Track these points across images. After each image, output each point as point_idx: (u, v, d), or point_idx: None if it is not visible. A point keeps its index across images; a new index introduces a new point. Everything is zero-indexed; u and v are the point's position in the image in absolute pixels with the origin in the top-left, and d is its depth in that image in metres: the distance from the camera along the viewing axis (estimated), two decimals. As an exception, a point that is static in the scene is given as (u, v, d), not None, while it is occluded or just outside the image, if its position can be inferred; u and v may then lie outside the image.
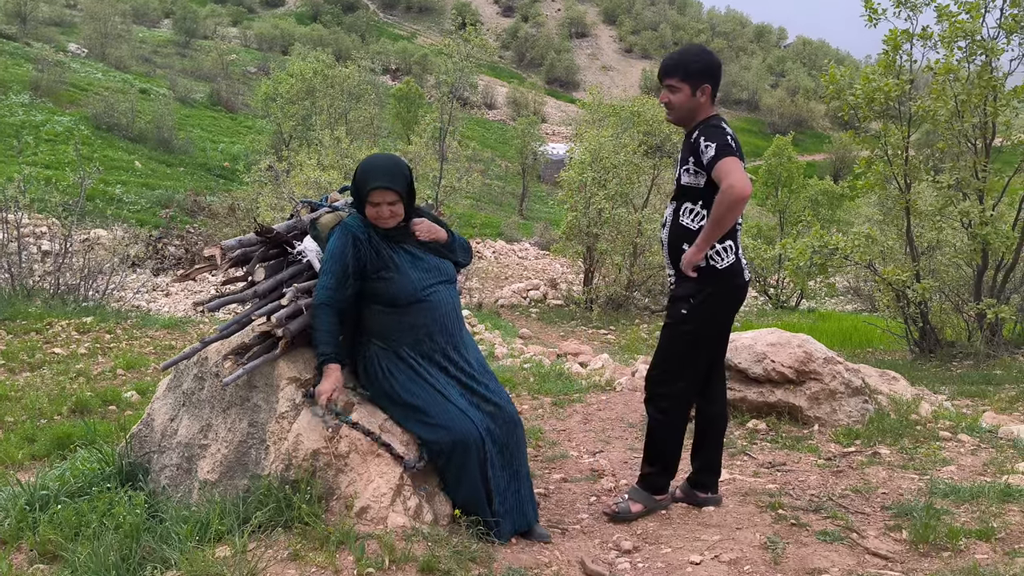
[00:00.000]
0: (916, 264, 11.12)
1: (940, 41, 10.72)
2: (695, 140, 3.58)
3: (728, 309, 3.76)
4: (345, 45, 59.80)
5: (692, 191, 3.65)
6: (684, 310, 3.65)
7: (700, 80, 3.63)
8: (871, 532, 3.53)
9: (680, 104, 3.66)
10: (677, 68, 3.65)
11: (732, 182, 3.40)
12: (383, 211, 3.36)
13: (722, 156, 3.46)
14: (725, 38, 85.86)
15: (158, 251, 19.56)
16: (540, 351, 10.70)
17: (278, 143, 28.92)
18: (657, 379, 3.80)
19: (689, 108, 3.66)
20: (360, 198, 3.41)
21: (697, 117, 3.68)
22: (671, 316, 3.74)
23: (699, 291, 3.63)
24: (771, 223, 28.05)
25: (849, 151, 47.90)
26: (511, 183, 43.69)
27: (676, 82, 3.64)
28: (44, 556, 3.26)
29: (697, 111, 3.67)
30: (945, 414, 5.56)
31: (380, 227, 3.40)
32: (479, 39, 23.24)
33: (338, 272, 3.33)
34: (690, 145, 3.62)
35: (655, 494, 3.88)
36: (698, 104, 3.66)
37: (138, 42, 54.13)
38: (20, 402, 6.18)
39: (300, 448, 3.25)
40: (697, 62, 3.65)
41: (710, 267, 3.61)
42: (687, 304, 3.65)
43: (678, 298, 3.69)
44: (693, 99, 3.64)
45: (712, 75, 3.66)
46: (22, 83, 33.47)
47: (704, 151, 3.51)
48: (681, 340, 3.71)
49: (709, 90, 3.65)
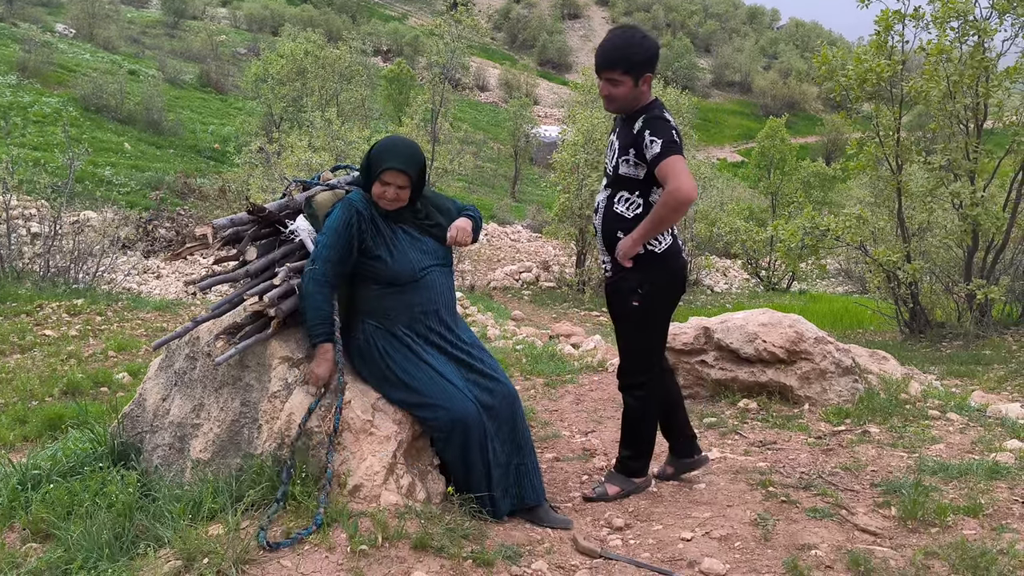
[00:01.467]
0: (907, 245, 11.17)
1: (932, 21, 10.72)
2: (639, 132, 3.49)
3: (675, 292, 3.75)
4: (336, 26, 59.26)
5: (629, 181, 3.58)
6: (636, 302, 3.63)
7: (643, 70, 3.51)
8: (860, 509, 3.56)
9: (623, 97, 3.55)
10: (620, 61, 3.50)
11: (679, 185, 3.34)
12: (389, 192, 3.36)
13: (668, 154, 3.38)
14: (718, 19, 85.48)
15: (148, 233, 19.43)
16: (532, 333, 10.71)
17: (269, 125, 28.74)
18: (628, 371, 3.79)
19: (632, 98, 3.56)
20: (371, 175, 3.39)
21: (639, 105, 3.58)
22: (622, 310, 3.69)
23: (644, 280, 3.61)
24: (763, 205, 28.11)
25: (841, 133, 47.94)
26: (503, 165, 43.57)
27: (618, 75, 3.51)
28: (37, 535, 3.27)
29: (639, 99, 3.57)
30: (934, 393, 5.60)
31: (381, 207, 3.40)
32: (471, 20, 23.12)
33: (342, 247, 3.30)
34: (632, 136, 3.52)
35: (633, 476, 3.90)
36: (640, 93, 3.56)
37: (126, 23, 53.56)
38: (11, 384, 6.17)
39: (293, 427, 3.25)
40: (640, 53, 3.50)
41: (648, 252, 3.58)
42: (636, 296, 3.63)
43: (625, 291, 3.65)
44: (636, 90, 3.53)
45: (654, 63, 3.55)
46: (9, 64, 33.11)
47: (649, 146, 3.44)
48: (639, 332, 3.72)
49: (650, 78, 3.56)
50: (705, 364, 5.61)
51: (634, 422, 3.85)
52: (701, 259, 22.25)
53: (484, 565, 2.92)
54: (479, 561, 2.93)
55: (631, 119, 3.58)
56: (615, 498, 3.83)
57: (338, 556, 2.82)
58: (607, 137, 3.74)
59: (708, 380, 5.61)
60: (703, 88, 71.51)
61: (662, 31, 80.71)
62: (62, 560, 2.95)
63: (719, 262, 25.23)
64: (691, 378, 5.73)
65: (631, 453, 3.88)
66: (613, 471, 3.95)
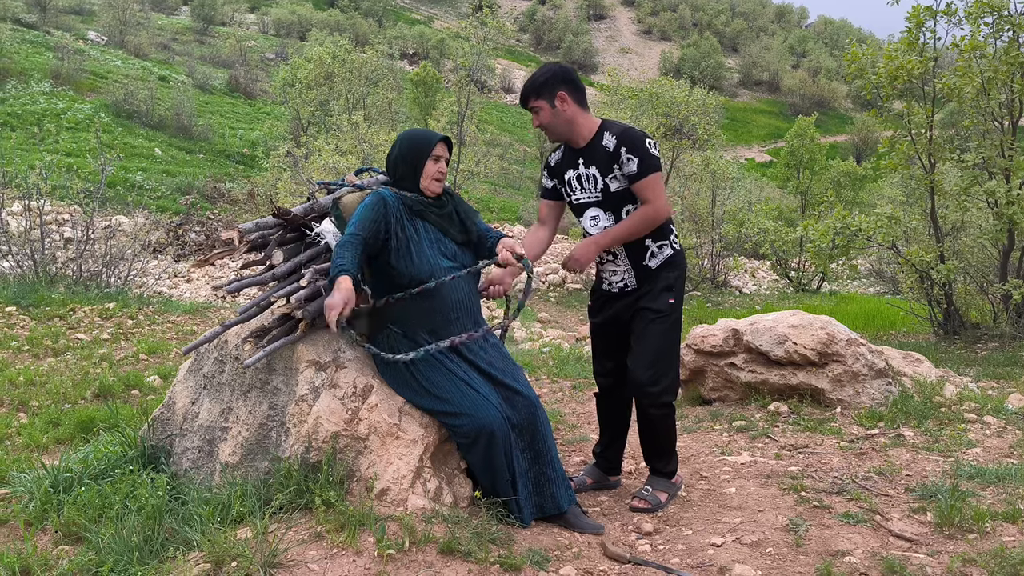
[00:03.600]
0: (940, 245, 10.97)
1: (965, 17, 10.52)
2: (615, 150, 3.56)
3: None
4: (362, 30, 59.74)
5: (624, 194, 3.63)
6: (672, 299, 3.69)
7: (552, 90, 3.58)
8: (895, 514, 3.49)
9: (549, 121, 3.63)
10: (529, 92, 3.62)
11: (661, 204, 3.56)
12: (441, 165, 3.46)
13: (647, 173, 3.53)
14: (745, 18, 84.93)
15: (179, 237, 19.69)
16: (559, 335, 10.69)
17: (296, 129, 29.02)
18: (655, 379, 3.70)
19: (561, 121, 3.63)
20: (415, 162, 3.44)
21: (577, 127, 3.64)
22: (656, 312, 3.68)
23: (676, 278, 3.73)
24: (792, 205, 27.83)
25: (872, 132, 47.39)
26: (529, 167, 43.60)
27: (533, 103, 3.62)
28: (68, 537, 3.30)
29: (572, 121, 3.63)
30: (970, 396, 5.48)
31: (430, 191, 3.46)
32: (496, 22, 23.15)
33: (372, 219, 3.31)
34: (608, 154, 3.59)
35: (672, 478, 3.91)
36: (563, 113, 3.61)
37: (157, 29, 54.37)
38: (44, 387, 6.24)
39: (320, 430, 3.25)
40: (542, 76, 3.62)
41: (675, 251, 3.74)
42: (671, 293, 3.69)
43: (659, 291, 3.68)
44: (556, 110, 3.60)
45: (562, 79, 3.61)
46: (43, 71, 33.75)
47: (626, 163, 3.55)
48: (673, 331, 3.74)
49: (567, 95, 3.59)
50: (734, 367, 5.55)
51: (662, 432, 3.82)
52: (729, 260, 22.07)
53: (512, 570, 2.90)
54: (507, 566, 2.91)
55: (592, 144, 3.64)
56: (668, 503, 3.80)
57: (365, 560, 2.81)
58: (551, 177, 3.84)
59: (737, 383, 5.54)
60: (730, 88, 71.09)
61: (689, 31, 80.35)
62: (93, 563, 2.97)
63: (747, 263, 25.03)
64: (720, 381, 5.66)
65: (667, 459, 3.88)
66: (656, 478, 3.89)
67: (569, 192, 3.79)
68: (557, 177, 3.84)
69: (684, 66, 65.66)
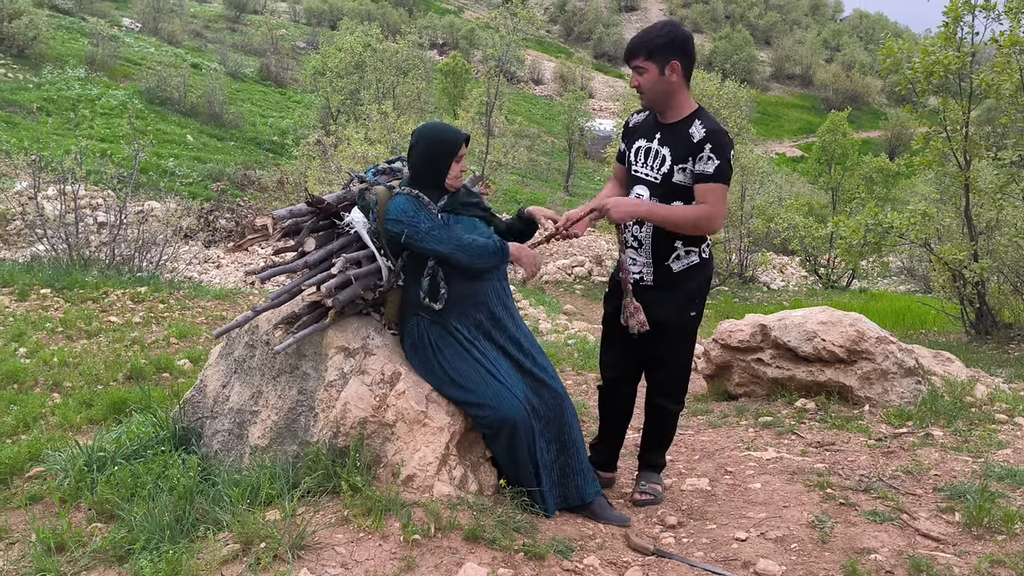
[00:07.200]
0: (974, 243, 10.82)
1: (1005, 12, 10.34)
2: (699, 144, 3.36)
3: None
4: (393, 19, 59.79)
5: (682, 189, 3.43)
6: (693, 312, 3.62)
7: (666, 56, 3.35)
8: (922, 513, 3.46)
9: (649, 85, 3.41)
10: (640, 48, 3.38)
11: (718, 214, 3.36)
12: (463, 163, 3.43)
13: (720, 180, 3.34)
14: (779, 11, 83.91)
15: (209, 223, 19.88)
16: (584, 327, 10.68)
17: (326, 117, 29.15)
18: (676, 386, 3.77)
19: (661, 89, 3.41)
20: (439, 165, 3.37)
21: (674, 100, 3.44)
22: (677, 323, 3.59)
23: (699, 289, 3.62)
24: (823, 201, 27.53)
25: (905, 128, 46.70)
26: (557, 159, 43.49)
27: (641, 62, 3.38)
28: (101, 515, 3.37)
29: (672, 93, 3.42)
30: (1001, 396, 5.41)
31: (453, 188, 3.43)
32: (526, 12, 23.10)
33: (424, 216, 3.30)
34: (691, 145, 3.38)
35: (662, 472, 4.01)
36: (669, 84, 3.39)
37: (190, 17, 54.86)
38: (78, 368, 6.36)
39: (348, 416, 3.29)
40: (660, 37, 3.36)
41: (702, 260, 3.59)
42: (694, 306, 3.62)
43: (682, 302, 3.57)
44: (663, 78, 3.38)
45: (680, 49, 3.36)
46: (78, 57, 34.18)
47: (705, 160, 3.34)
48: (691, 343, 3.72)
49: (679, 67, 3.37)
50: (761, 362, 5.52)
51: (669, 428, 3.89)
52: (757, 255, 21.90)
53: (536, 559, 2.92)
54: (531, 554, 2.93)
55: (679, 126, 3.44)
56: (664, 495, 3.83)
57: (391, 545, 2.84)
58: (634, 140, 3.62)
59: (764, 378, 5.51)
60: (762, 81, 70.35)
61: (721, 23, 79.55)
62: (125, 540, 3.03)
63: (776, 259, 24.81)
64: (746, 376, 5.64)
65: (664, 452, 3.97)
66: (650, 472, 3.92)
67: (631, 160, 3.62)
68: (627, 139, 3.68)
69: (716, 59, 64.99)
